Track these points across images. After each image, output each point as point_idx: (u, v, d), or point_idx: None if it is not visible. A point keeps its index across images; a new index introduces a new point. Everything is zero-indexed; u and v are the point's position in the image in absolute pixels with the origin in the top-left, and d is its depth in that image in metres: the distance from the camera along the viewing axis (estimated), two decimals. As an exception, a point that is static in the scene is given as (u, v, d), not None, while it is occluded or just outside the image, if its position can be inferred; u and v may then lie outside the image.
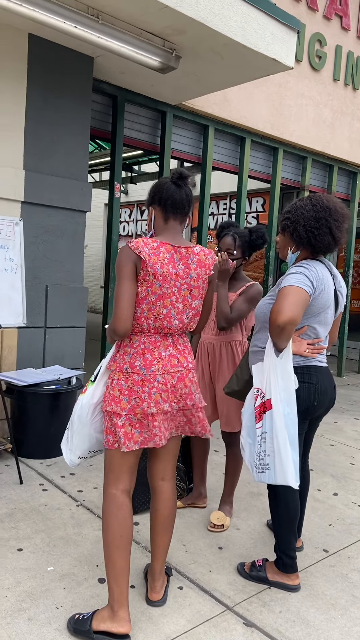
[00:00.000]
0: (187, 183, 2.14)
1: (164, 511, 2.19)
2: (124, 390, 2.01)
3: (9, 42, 3.77)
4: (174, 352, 2.08)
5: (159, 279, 1.98)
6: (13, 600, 2.16)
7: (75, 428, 2.13)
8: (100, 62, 4.29)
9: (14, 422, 3.73)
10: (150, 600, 2.22)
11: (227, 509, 3.00)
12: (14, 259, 3.43)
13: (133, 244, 1.98)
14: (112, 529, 2.01)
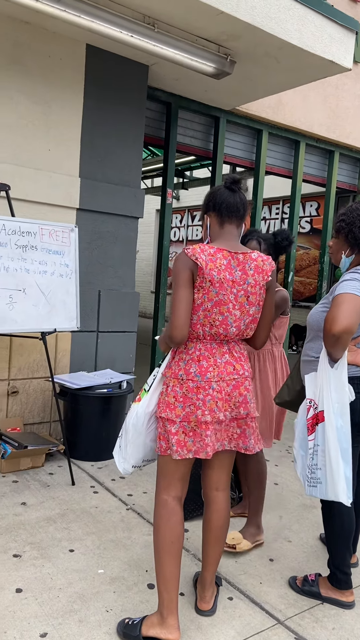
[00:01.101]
0: (240, 188, 2.13)
1: (217, 522, 2.16)
2: (179, 397, 2.00)
3: (68, 54, 3.87)
4: (229, 360, 2.05)
5: (216, 286, 1.96)
6: (64, 600, 2.19)
7: (130, 437, 2.12)
8: (154, 70, 4.33)
9: (66, 424, 3.80)
10: (200, 609, 2.19)
11: (250, 531, 2.73)
12: (69, 265, 3.50)
13: (190, 250, 1.97)
14: (163, 535, 2.01)
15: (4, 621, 2.04)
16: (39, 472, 3.47)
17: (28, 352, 3.91)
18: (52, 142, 3.89)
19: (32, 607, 2.13)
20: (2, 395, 3.84)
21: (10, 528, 2.73)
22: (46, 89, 3.81)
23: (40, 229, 3.34)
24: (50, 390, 4.05)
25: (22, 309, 3.24)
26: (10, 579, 2.30)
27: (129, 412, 2.14)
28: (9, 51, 3.63)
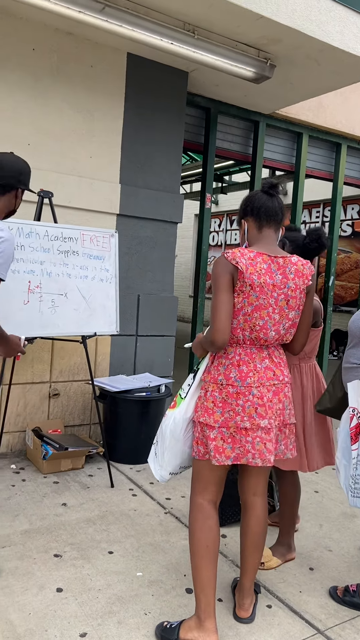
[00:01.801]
0: (278, 192, 2.12)
1: (255, 528, 2.14)
2: (218, 402, 1.99)
3: (109, 63, 3.94)
4: (269, 365, 2.03)
5: (256, 290, 1.96)
6: (104, 602, 2.22)
7: (167, 444, 2.10)
8: (194, 76, 4.36)
9: (105, 427, 3.85)
10: (239, 617, 2.17)
11: (280, 550, 2.62)
12: (109, 270, 3.55)
13: (229, 254, 1.97)
14: (199, 538, 2.01)
15: (45, 620, 2.08)
16: (79, 474, 3.53)
17: (69, 355, 3.99)
18: (94, 149, 3.96)
19: (72, 607, 2.17)
20: (44, 398, 3.92)
21: (51, 528, 2.78)
22: (89, 97, 3.89)
23: (81, 234, 3.40)
24: (90, 393, 4.12)
25: (63, 313, 3.31)
26: (51, 578, 2.34)
27: (165, 419, 2.13)
28: (55, 62, 3.73)
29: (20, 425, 3.83)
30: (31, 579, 2.33)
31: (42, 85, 3.70)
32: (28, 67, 3.64)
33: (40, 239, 3.22)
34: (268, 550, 2.62)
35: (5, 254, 2.06)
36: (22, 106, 3.64)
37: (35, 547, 2.58)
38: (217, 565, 2.20)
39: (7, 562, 2.44)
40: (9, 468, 3.54)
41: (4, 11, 3.50)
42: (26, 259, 3.16)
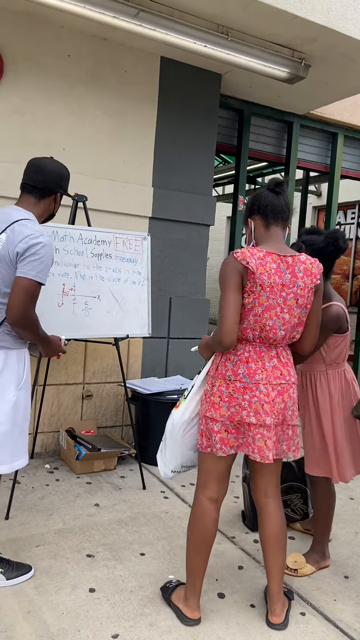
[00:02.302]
0: (284, 190, 2.10)
1: (272, 529, 2.13)
2: (224, 396, 2.00)
3: (143, 67, 3.97)
4: (277, 364, 2.03)
5: (266, 290, 1.95)
6: (135, 603, 2.22)
7: (167, 443, 2.17)
8: (227, 78, 4.35)
9: (137, 429, 3.87)
10: (271, 622, 2.15)
11: (314, 557, 2.58)
12: (142, 272, 3.57)
13: (239, 254, 1.96)
14: (194, 533, 2.09)
15: (77, 619, 2.09)
16: (111, 475, 3.55)
17: (102, 357, 4.02)
18: (127, 153, 3.99)
19: (105, 607, 2.18)
20: (77, 399, 3.97)
21: (84, 528, 2.81)
22: (122, 102, 3.92)
23: (114, 237, 3.43)
24: (122, 394, 4.15)
25: (96, 315, 3.34)
26: (84, 578, 2.37)
27: (169, 418, 2.19)
28: (90, 68, 3.78)
29: (54, 425, 3.89)
30: (64, 579, 2.35)
31: (77, 91, 3.76)
32: (65, 75, 3.70)
33: (75, 242, 3.26)
34: (302, 557, 2.58)
35: (46, 259, 2.09)
36: (59, 113, 3.70)
37: (69, 547, 2.61)
38: (240, 563, 2.18)
39: (41, 561, 2.47)
40: (44, 467, 3.59)
41: (47, 21, 3.57)
42: (61, 261, 3.21)
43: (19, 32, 3.51)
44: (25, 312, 2.06)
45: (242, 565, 2.58)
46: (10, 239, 2.09)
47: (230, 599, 2.31)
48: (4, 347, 2.14)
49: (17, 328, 2.09)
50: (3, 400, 2.13)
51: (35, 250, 2.06)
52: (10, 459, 2.18)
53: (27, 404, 2.23)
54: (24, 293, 2.05)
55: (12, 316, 2.05)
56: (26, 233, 2.08)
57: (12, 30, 3.49)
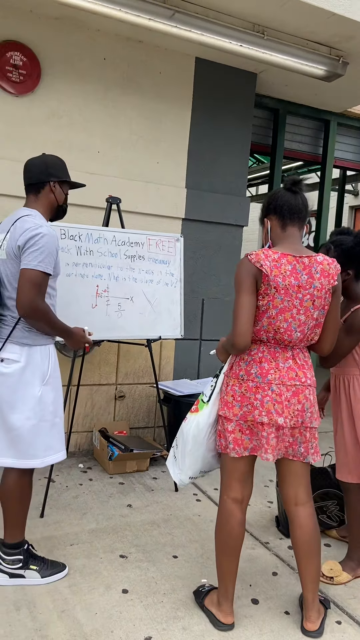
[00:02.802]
0: (301, 189, 2.05)
1: (302, 537, 2.09)
2: (237, 396, 2.00)
3: (178, 68, 3.97)
4: (292, 366, 2.00)
5: (281, 293, 1.92)
6: (168, 606, 2.22)
7: (189, 448, 2.12)
8: (262, 77, 4.31)
9: (170, 430, 3.87)
10: (306, 630, 2.11)
11: (350, 565, 2.51)
12: (174, 274, 3.57)
13: (253, 256, 1.93)
14: (220, 535, 2.08)
15: (111, 620, 2.10)
16: (144, 476, 3.56)
17: (134, 358, 4.04)
18: (161, 155, 4.00)
19: (137, 609, 2.18)
20: (110, 399, 4.00)
21: (117, 528, 2.82)
22: (156, 104, 3.93)
23: (147, 239, 3.44)
24: (154, 396, 4.15)
25: (129, 317, 3.36)
26: (117, 579, 2.37)
27: (187, 423, 2.15)
28: (125, 70, 3.80)
29: (87, 425, 3.92)
30: (98, 578, 2.37)
31: (112, 93, 3.78)
32: (100, 78, 3.73)
33: (108, 244, 3.28)
34: (338, 564, 2.52)
35: (46, 248, 2.11)
36: (95, 116, 3.74)
37: (102, 547, 2.63)
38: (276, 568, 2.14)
39: (75, 560, 2.49)
40: (77, 467, 3.63)
41: (83, 25, 3.61)
42: (95, 263, 3.23)
43: (55, 36, 3.56)
44: (33, 302, 2.08)
45: (276, 571, 2.54)
46: (13, 235, 2.15)
47: (264, 605, 2.28)
48: (26, 344, 2.17)
49: (29, 319, 2.12)
50: (28, 396, 2.16)
51: (35, 241, 2.09)
52: (42, 453, 2.20)
53: (56, 398, 2.25)
54: (29, 283, 2.08)
55: (21, 308, 2.09)
56: (26, 227, 2.13)
57: (49, 35, 3.54)
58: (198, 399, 2.19)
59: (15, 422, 2.15)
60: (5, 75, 3.41)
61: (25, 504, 2.26)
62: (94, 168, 3.76)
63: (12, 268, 2.16)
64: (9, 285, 2.18)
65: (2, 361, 2.15)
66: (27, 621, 2.05)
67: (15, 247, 2.13)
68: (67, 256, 3.13)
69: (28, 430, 2.16)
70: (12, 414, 2.15)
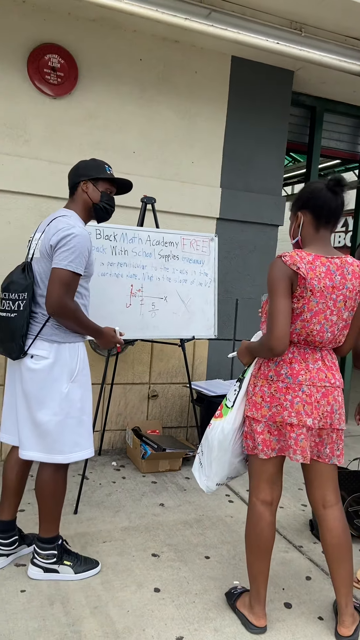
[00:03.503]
0: (343, 190, 2.00)
1: (332, 541, 2.05)
2: (266, 397, 1.97)
3: (213, 68, 3.96)
4: (322, 367, 1.98)
5: (316, 295, 1.90)
6: (200, 607, 2.21)
7: (215, 454, 2.10)
8: (299, 75, 4.25)
9: (202, 430, 3.86)
10: (340, 635, 2.07)
11: None
12: (208, 274, 3.56)
13: (288, 258, 1.90)
14: (250, 537, 2.06)
15: (142, 619, 2.11)
16: (176, 476, 3.56)
17: (167, 357, 4.05)
18: (196, 154, 3.99)
19: (169, 608, 2.18)
20: (143, 398, 4.02)
21: (149, 527, 2.83)
22: (192, 103, 3.93)
23: (182, 239, 3.44)
24: (187, 395, 4.15)
25: (163, 316, 3.37)
26: (149, 578, 2.38)
27: (211, 429, 2.12)
28: (161, 71, 3.82)
29: (120, 424, 3.95)
30: (130, 576, 2.38)
31: (148, 94, 3.80)
32: (136, 78, 3.75)
33: (143, 244, 3.30)
34: None
35: (77, 249, 2.13)
36: (131, 117, 3.76)
37: (134, 545, 2.64)
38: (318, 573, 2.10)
39: (108, 557, 2.51)
40: (110, 465, 3.66)
41: (120, 26, 3.64)
42: (129, 263, 3.25)
43: (92, 39, 3.60)
44: (61, 300, 2.11)
45: (309, 575, 2.50)
46: (47, 234, 2.19)
47: (297, 609, 2.25)
48: (55, 341, 2.20)
49: (57, 318, 2.15)
50: (56, 392, 2.19)
51: (66, 241, 2.12)
52: (68, 449, 2.22)
53: (84, 396, 2.27)
54: (58, 282, 2.11)
55: (50, 306, 2.12)
56: (59, 227, 2.16)
57: (86, 38, 3.58)
58: (221, 404, 2.17)
59: (43, 417, 2.19)
60: (43, 78, 3.46)
61: (60, 499, 2.30)
62: (130, 168, 3.79)
63: (44, 267, 2.21)
64: (41, 284, 2.22)
65: (32, 357, 2.19)
66: (60, 616, 2.08)
67: (48, 246, 2.17)
68: (102, 256, 3.16)
69: (55, 426, 2.19)
70: (39, 410, 2.19)
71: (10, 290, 2.21)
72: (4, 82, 3.41)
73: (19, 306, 2.18)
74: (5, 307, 2.22)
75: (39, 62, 3.45)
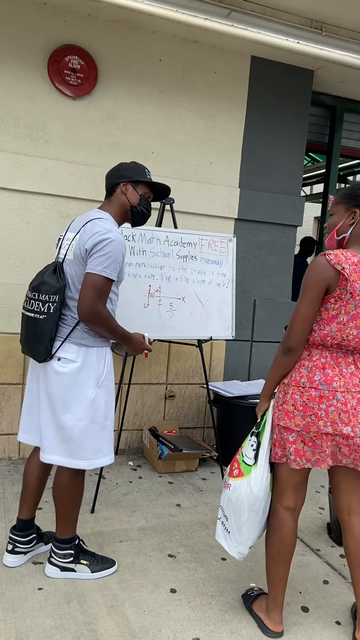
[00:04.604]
0: None
1: (355, 548, 2.02)
2: (299, 405, 1.90)
3: (233, 68, 3.95)
4: (355, 371, 1.92)
5: (356, 299, 1.85)
6: (216, 609, 2.20)
7: (244, 518, 2.00)
8: (319, 74, 4.22)
9: (219, 431, 3.85)
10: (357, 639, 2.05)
11: None
12: (226, 274, 3.55)
13: (333, 257, 1.84)
14: (271, 543, 2.03)
15: (158, 619, 2.11)
16: (193, 476, 3.56)
17: (184, 358, 4.05)
18: (214, 155, 3.99)
19: (185, 609, 2.18)
20: (160, 398, 4.02)
21: (165, 528, 2.83)
22: (211, 104, 3.92)
23: (200, 239, 3.43)
24: (204, 396, 4.15)
25: (180, 317, 3.37)
26: (165, 578, 2.38)
27: (233, 491, 2.01)
28: (180, 71, 3.82)
29: (137, 424, 3.96)
30: (146, 577, 2.38)
31: (167, 94, 3.80)
32: (155, 79, 3.76)
33: (161, 244, 3.30)
34: None
35: (113, 254, 2.10)
36: (150, 117, 3.77)
37: (151, 545, 2.65)
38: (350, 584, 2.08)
39: (124, 557, 2.52)
40: (127, 465, 3.67)
41: (139, 27, 3.65)
42: (147, 263, 3.26)
43: (112, 40, 3.61)
44: (94, 307, 2.08)
45: (327, 579, 2.48)
46: (82, 237, 2.16)
47: (314, 613, 2.23)
48: (84, 345, 2.18)
49: (89, 324, 2.12)
50: (82, 397, 2.17)
51: (102, 246, 2.09)
52: (91, 455, 2.21)
53: (108, 402, 2.25)
54: (91, 288, 2.08)
55: (81, 313, 2.09)
56: (95, 230, 2.13)
57: (105, 39, 3.59)
58: (237, 460, 2.06)
59: (67, 422, 2.17)
60: (63, 79, 3.49)
61: (77, 502, 2.30)
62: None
63: (77, 270, 2.17)
64: (72, 286, 2.19)
65: (59, 360, 2.17)
66: (77, 614, 2.09)
67: (83, 249, 2.13)
68: (121, 256, 3.17)
69: (79, 431, 2.17)
70: (64, 414, 2.17)
71: (41, 291, 2.17)
72: (24, 84, 3.45)
73: (48, 308, 2.15)
74: (34, 308, 2.18)
75: (59, 64, 3.47)
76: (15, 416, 3.61)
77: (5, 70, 3.40)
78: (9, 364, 3.57)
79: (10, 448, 3.64)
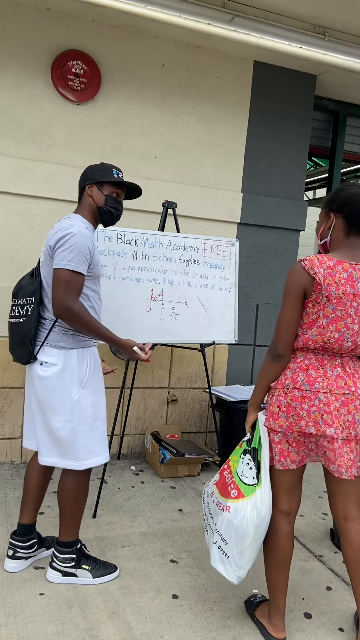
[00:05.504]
0: None
1: (353, 554, 2.00)
2: (283, 406, 1.93)
3: (236, 73, 3.96)
4: (341, 374, 1.92)
5: (333, 302, 1.85)
6: (219, 615, 2.19)
7: (249, 541, 1.95)
8: (322, 79, 4.23)
9: (222, 436, 3.84)
10: (360, 649, 2.03)
11: None
12: (229, 278, 3.55)
13: (307, 262, 1.87)
14: (269, 547, 2.03)
15: (160, 625, 2.10)
16: (195, 481, 3.55)
17: (187, 362, 4.04)
18: (217, 159, 3.99)
19: (187, 615, 2.17)
20: (163, 403, 4.01)
21: (168, 533, 2.82)
22: (214, 108, 3.93)
23: (202, 243, 3.44)
24: (207, 401, 4.14)
25: (183, 321, 3.36)
26: (167, 584, 2.37)
27: (236, 513, 1.94)
28: (183, 76, 3.83)
29: (140, 428, 3.96)
30: (148, 582, 2.37)
31: (169, 99, 3.81)
32: (158, 84, 3.77)
33: (164, 249, 3.30)
34: None
35: (76, 247, 2.10)
36: (153, 122, 3.78)
37: (153, 550, 2.63)
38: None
39: (126, 562, 2.51)
40: (129, 469, 3.66)
41: (143, 32, 3.66)
42: (150, 267, 3.26)
43: (115, 45, 3.63)
44: (65, 301, 2.08)
45: (330, 586, 2.46)
46: (48, 237, 2.20)
47: (317, 620, 2.21)
48: (63, 347, 2.19)
49: (64, 320, 2.12)
50: (66, 399, 2.18)
51: (64, 240, 2.11)
52: (82, 455, 2.21)
53: (95, 402, 2.25)
54: (60, 283, 2.09)
55: (54, 308, 2.10)
56: (58, 228, 2.16)
57: (109, 44, 3.61)
58: (233, 482, 2.00)
59: (55, 424, 2.19)
60: (67, 84, 3.50)
61: (81, 504, 2.30)
62: (151, 173, 3.81)
63: (49, 269, 2.20)
64: (47, 287, 2.21)
65: (42, 364, 2.19)
66: (78, 620, 2.08)
67: (48, 247, 2.17)
68: (123, 260, 3.17)
69: (68, 432, 2.19)
70: (52, 416, 2.19)
71: (19, 296, 2.23)
72: (28, 89, 3.46)
73: (27, 310, 2.19)
74: (15, 313, 2.24)
75: (62, 69, 3.49)
76: (18, 420, 3.61)
77: (9, 74, 3.42)
78: (11, 368, 3.57)
79: (12, 452, 3.63)
